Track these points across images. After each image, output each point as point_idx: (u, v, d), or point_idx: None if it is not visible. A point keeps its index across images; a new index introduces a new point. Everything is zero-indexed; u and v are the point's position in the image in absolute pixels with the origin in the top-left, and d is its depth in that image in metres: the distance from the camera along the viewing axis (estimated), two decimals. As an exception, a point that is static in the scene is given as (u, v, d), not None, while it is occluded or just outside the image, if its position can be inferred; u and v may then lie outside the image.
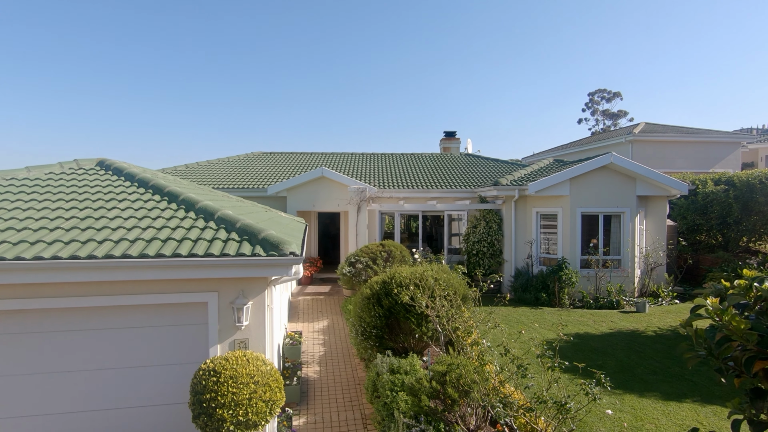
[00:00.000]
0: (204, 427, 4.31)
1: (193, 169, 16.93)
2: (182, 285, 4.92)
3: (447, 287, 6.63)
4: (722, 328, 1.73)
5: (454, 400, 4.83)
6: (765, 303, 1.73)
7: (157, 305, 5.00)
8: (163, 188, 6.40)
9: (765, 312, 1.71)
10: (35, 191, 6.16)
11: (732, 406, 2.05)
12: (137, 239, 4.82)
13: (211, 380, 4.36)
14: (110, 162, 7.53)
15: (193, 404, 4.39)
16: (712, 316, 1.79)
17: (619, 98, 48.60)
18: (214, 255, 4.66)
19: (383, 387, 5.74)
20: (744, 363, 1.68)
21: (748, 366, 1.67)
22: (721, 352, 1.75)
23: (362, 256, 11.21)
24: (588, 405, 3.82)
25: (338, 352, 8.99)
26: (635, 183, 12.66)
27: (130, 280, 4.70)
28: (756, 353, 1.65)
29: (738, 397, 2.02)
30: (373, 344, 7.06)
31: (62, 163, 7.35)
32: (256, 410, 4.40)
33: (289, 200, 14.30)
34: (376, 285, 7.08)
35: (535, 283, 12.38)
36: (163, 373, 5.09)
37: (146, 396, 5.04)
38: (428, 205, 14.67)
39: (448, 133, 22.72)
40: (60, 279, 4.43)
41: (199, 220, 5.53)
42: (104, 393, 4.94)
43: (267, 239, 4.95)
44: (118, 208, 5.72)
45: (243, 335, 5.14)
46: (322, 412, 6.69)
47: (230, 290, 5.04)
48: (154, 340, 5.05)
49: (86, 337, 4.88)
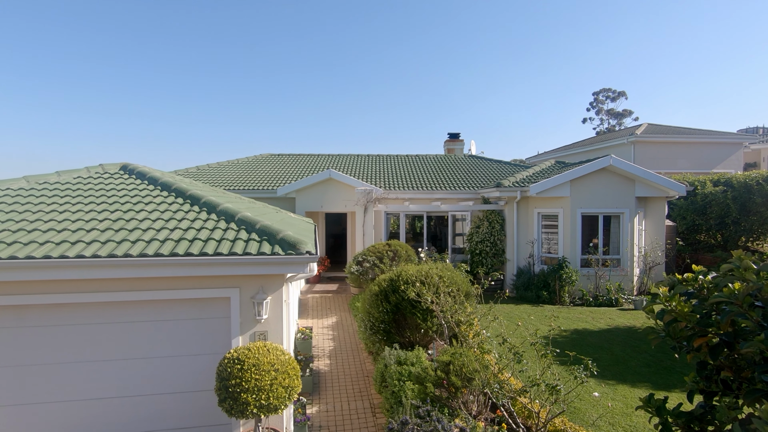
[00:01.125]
0: (230, 410, 4.74)
1: (204, 171, 17.42)
2: (207, 281, 5.36)
3: (451, 284, 7.05)
4: (671, 312, 2.14)
5: (458, 387, 5.24)
6: (707, 291, 2.13)
7: (184, 300, 5.44)
8: (185, 191, 6.85)
9: (706, 298, 2.11)
10: (67, 194, 6.63)
11: (688, 380, 2.46)
12: (167, 239, 5.27)
13: (236, 368, 4.79)
14: (133, 166, 8.00)
15: (219, 389, 4.82)
16: (663, 302, 2.19)
17: (624, 97, 48.68)
18: (238, 254, 5.09)
19: (391, 377, 6.16)
20: (686, 339, 2.09)
21: (690, 342, 2.07)
22: (672, 331, 2.15)
23: (369, 255, 11.64)
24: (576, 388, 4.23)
25: (347, 347, 9.43)
26: (634, 184, 13.03)
27: (161, 277, 5.14)
28: (696, 331, 2.06)
29: (693, 372, 2.43)
30: (381, 338, 7.49)
31: (89, 168, 7.81)
32: (277, 395, 4.82)
33: (297, 201, 14.76)
34: (383, 282, 7.50)
35: (536, 282, 12.77)
36: (190, 363, 5.52)
37: (174, 383, 5.47)
38: (432, 206, 15.09)
39: (452, 135, 23.12)
40: (100, 275, 4.87)
41: (221, 222, 5.97)
42: (136, 381, 5.38)
43: (285, 239, 5.38)
44: (146, 210, 6.17)
45: (262, 328, 5.57)
46: (333, 401, 7.13)
47: (251, 286, 5.47)
48: (182, 332, 5.49)
49: (121, 330, 5.33)
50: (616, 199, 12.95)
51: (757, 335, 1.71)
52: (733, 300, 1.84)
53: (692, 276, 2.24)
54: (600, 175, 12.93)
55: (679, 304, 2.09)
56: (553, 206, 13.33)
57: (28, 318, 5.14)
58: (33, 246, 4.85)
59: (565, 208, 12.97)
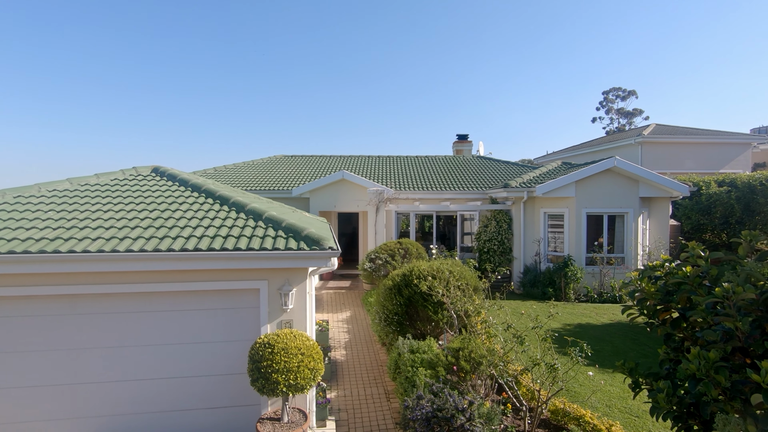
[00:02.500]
0: (261, 388, 5.29)
1: (222, 171, 18.08)
2: (239, 274, 5.91)
3: (460, 278, 7.56)
4: (640, 291, 2.62)
5: (467, 371, 5.75)
6: (669, 275, 2.60)
7: (218, 291, 6.00)
8: (215, 192, 7.43)
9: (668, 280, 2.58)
10: (108, 195, 7.24)
11: (661, 351, 2.95)
12: (203, 236, 5.83)
13: (267, 351, 5.33)
14: (164, 169, 8.60)
15: (252, 370, 5.36)
16: (634, 283, 2.68)
17: (634, 96, 48.52)
18: (267, 249, 5.64)
19: (405, 364, 6.68)
20: (652, 314, 2.57)
21: (655, 316, 2.55)
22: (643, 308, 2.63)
23: (381, 252, 12.17)
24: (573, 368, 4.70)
25: (361, 339, 9.97)
26: (638, 185, 13.41)
27: (199, 269, 5.70)
28: (661, 306, 2.53)
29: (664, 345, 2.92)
30: (395, 329, 8.01)
31: (123, 170, 8.44)
32: (303, 376, 5.36)
33: (311, 201, 15.33)
34: (397, 277, 8.03)
35: (542, 279, 13.21)
36: (223, 348, 6.07)
37: (209, 367, 6.03)
38: (442, 206, 15.58)
39: (461, 136, 23.57)
40: (145, 268, 5.44)
41: (249, 220, 6.53)
42: (175, 364, 5.95)
43: (309, 236, 5.93)
44: (180, 209, 6.76)
45: (288, 317, 6.12)
46: (350, 387, 7.67)
47: (278, 279, 6.02)
48: (216, 320, 6.05)
49: (163, 317, 5.91)
50: (621, 199, 13.35)
51: (700, 306, 2.18)
52: (687, 281, 2.32)
53: (660, 263, 2.72)
54: (605, 176, 13.34)
55: (647, 285, 2.57)
56: (559, 206, 13.76)
57: (81, 306, 5.74)
58: (87, 241, 5.44)
59: (571, 208, 13.40)
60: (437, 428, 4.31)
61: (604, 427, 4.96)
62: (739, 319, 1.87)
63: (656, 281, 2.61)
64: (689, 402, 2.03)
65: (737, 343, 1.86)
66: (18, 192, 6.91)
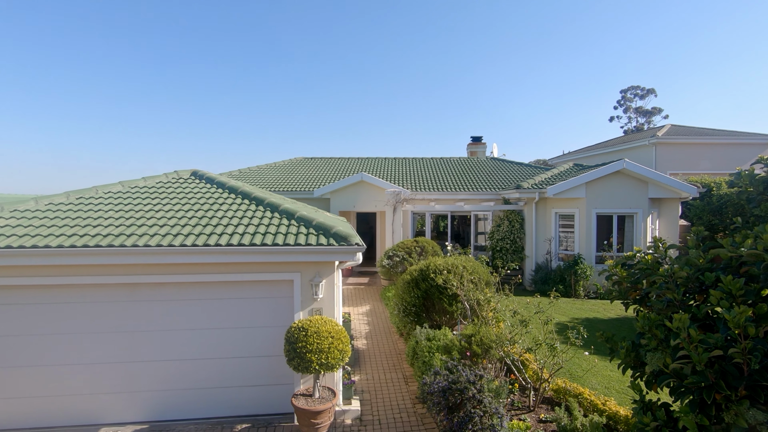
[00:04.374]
0: (297, 366, 6.03)
1: (246, 173, 19.02)
2: (276, 266, 6.67)
3: (473, 273, 8.22)
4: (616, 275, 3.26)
5: (478, 354, 6.42)
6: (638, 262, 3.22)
7: (257, 281, 6.78)
8: (250, 194, 8.23)
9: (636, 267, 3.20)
10: (156, 196, 8.09)
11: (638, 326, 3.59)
12: (244, 233, 6.62)
13: (301, 334, 6.07)
14: (202, 172, 9.46)
15: (288, 351, 6.11)
16: (611, 270, 3.31)
17: (653, 95, 47.54)
18: (301, 244, 6.40)
19: (422, 350, 7.37)
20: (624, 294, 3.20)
21: (627, 295, 3.19)
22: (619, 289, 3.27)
23: (399, 250, 12.89)
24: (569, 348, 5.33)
25: (380, 330, 10.69)
26: (647, 186, 13.86)
27: (240, 262, 6.48)
28: (631, 287, 3.16)
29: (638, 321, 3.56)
30: (413, 320, 8.72)
31: (166, 174, 9.31)
32: (333, 356, 6.09)
33: (332, 201, 16.13)
34: (415, 272, 8.73)
35: (553, 277, 13.77)
36: (260, 333, 6.84)
37: (249, 349, 6.80)
38: (456, 206, 16.23)
39: (475, 138, 24.16)
40: (197, 260, 6.24)
41: (283, 219, 7.30)
42: (220, 346, 6.74)
43: (337, 233, 6.67)
44: (221, 209, 7.57)
45: (318, 305, 6.86)
46: (371, 372, 8.39)
47: (309, 271, 6.76)
48: (255, 308, 6.82)
49: (209, 305, 6.70)
50: (630, 200, 13.82)
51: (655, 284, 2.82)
52: (648, 266, 2.95)
53: (632, 254, 3.35)
54: (614, 177, 13.82)
55: (621, 271, 3.21)
56: (569, 207, 14.29)
57: (138, 293, 6.57)
58: (146, 237, 6.27)
59: (581, 209, 13.92)
60: (452, 398, 4.98)
61: (600, 402, 5.57)
62: (675, 291, 2.51)
63: (629, 268, 3.24)
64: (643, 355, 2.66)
65: (675, 309, 2.48)
66: (80, 194, 7.80)
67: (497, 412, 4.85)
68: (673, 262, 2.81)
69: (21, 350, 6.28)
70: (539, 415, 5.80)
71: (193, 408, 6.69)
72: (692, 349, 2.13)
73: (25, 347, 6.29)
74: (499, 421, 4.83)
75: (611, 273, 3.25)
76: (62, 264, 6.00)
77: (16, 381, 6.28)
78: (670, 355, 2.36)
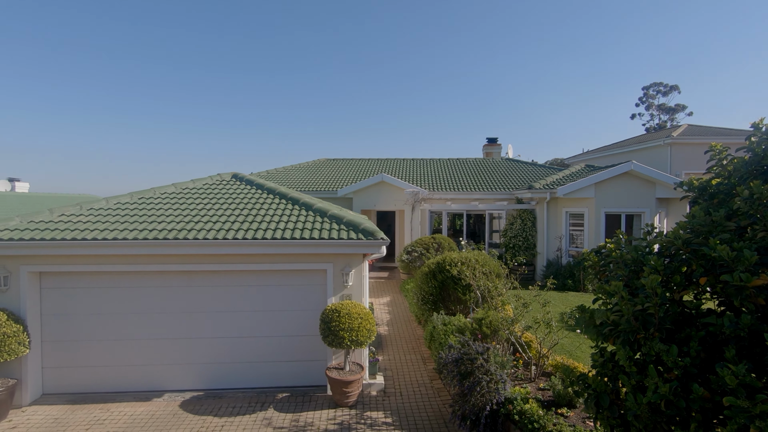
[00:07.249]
0: (331, 342, 7.06)
1: (273, 174, 20.24)
2: (312, 258, 7.71)
3: (485, 265, 9.16)
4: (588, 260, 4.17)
5: (487, 335, 7.36)
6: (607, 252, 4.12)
7: (295, 270, 7.84)
8: (287, 195, 9.32)
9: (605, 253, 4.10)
10: (205, 196, 9.24)
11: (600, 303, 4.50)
12: (285, 228, 7.69)
13: (335, 315, 7.10)
14: (242, 175, 10.60)
15: (323, 330, 7.15)
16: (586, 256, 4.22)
17: (676, 92, 46.16)
18: (334, 238, 7.43)
19: (438, 334, 8.34)
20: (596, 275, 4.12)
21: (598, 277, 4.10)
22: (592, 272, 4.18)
23: (417, 246, 13.87)
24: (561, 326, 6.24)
25: (400, 318, 11.69)
26: (655, 186, 14.52)
27: (281, 254, 7.52)
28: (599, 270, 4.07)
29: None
30: (430, 308, 9.70)
31: (211, 177, 10.48)
32: (362, 334, 7.10)
33: (354, 201, 17.19)
34: (432, 264, 9.71)
35: (563, 272, 14.55)
36: (298, 315, 7.90)
37: (288, 329, 7.87)
38: (471, 205, 17.12)
39: (491, 139, 24.93)
40: (244, 251, 7.32)
41: (317, 217, 8.35)
42: (263, 326, 7.83)
43: (365, 229, 7.68)
44: (263, 208, 8.66)
45: (348, 292, 7.89)
46: (393, 354, 9.40)
47: (340, 262, 7.79)
48: (294, 293, 7.89)
49: (256, 291, 7.79)
50: (637, 200, 14.50)
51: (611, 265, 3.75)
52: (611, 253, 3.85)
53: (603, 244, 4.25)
54: (622, 178, 14.52)
55: (592, 257, 4.13)
56: (579, 206, 15.04)
57: (193, 280, 7.71)
58: (203, 232, 7.39)
59: (590, 208, 14.67)
60: (463, 367, 5.95)
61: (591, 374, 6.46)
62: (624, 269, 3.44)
63: (600, 255, 4.14)
64: (596, 315, 3.59)
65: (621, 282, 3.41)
66: (141, 195, 9.01)
67: (501, 378, 5.81)
68: (625, 248, 3.71)
69: (103, 326, 7.48)
70: (539, 384, 6.73)
71: (240, 378, 7.79)
72: (623, 305, 3.06)
73: (107, 324, 7.49)
74: (503, 385, 5.79)
75: (587, 258, 4.17)
76: (133, 254, 7.16)
77: (101, 352, 7.49)
78: (610, 311, 3.29)
